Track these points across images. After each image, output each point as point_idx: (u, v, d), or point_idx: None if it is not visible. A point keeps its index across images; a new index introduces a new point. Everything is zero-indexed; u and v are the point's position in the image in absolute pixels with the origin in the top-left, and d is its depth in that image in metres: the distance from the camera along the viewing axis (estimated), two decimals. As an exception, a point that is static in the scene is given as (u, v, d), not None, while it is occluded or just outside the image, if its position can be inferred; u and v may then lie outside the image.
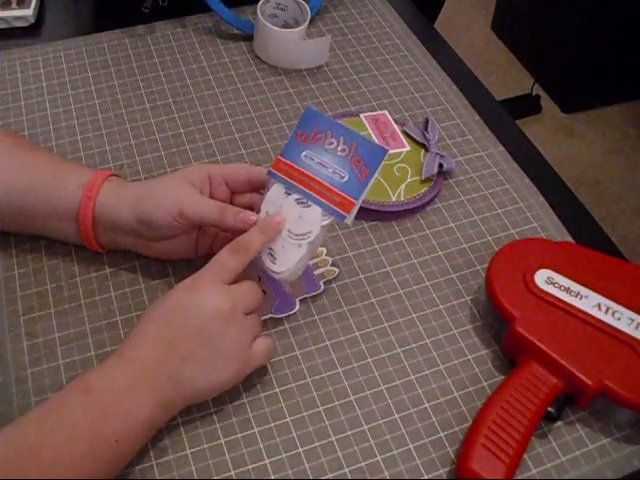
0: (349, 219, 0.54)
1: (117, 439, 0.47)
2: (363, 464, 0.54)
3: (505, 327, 0.58)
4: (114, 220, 0.57)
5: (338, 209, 0.54)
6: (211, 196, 0.58)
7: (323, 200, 0.54)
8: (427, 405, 0.57)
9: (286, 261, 0.54)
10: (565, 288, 0.59)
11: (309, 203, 0.55)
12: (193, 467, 0.52)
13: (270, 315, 0.61)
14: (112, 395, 0.47)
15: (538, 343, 0.56)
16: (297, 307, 0.62)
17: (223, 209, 0.55)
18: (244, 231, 0.54)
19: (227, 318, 0.50)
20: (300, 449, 0.54)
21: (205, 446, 0.53)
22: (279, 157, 0.56)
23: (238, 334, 0.51)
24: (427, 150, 0.73)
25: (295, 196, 0.55)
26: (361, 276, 0.65)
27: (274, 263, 0.54)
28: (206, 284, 0.51)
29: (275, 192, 0.56)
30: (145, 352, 0.49)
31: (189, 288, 0.51)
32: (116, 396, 0.47)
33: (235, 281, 0.53)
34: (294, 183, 0.55)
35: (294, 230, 0.54)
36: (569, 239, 0.70)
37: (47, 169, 0.59)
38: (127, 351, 0.50)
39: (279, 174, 0.56)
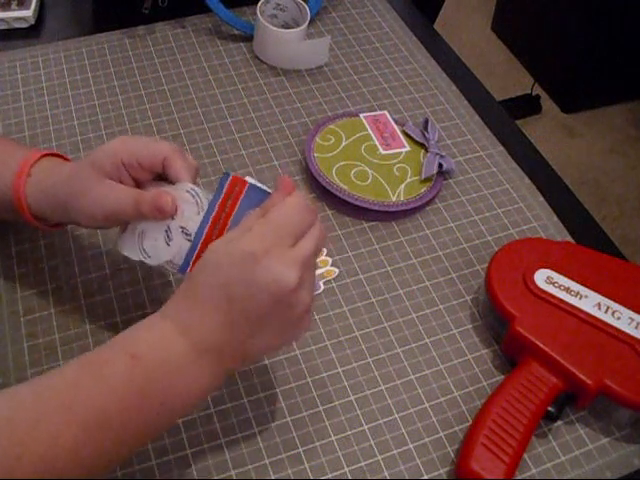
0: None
1: (159, 412, 0.44)
2: (363, 464, 0.54)
3: (505, 327, 0.58)
4: (50, 215, 0.55)
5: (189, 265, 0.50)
6: (123, 180, 0.52)
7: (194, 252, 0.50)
8: (427, 405, 0.57)
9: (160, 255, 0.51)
10: (565, 288, 0.59)
11: (190, 238, 0.50)
12: (193, 467, 0.52)
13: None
14: (167, 369, 0.44)
15: (538, 343, 0.56)
16: (297, 307, 0.61)
17: (137, 201, 0.50)
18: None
19: (297, 289, 0.44)
20: (300, 449, 0.54)
21: (205, 446, 0.53)
22: (247, 180, 0.50)
23: (308, 296, 0.46)
24: (427, 150, 0.73)
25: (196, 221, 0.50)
26: (361, 276, 0.65)
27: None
28: (271, 252, 0.44)
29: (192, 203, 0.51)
30: (206, 329, 0.44)
31: (252, 258, 0.44)
32: (171, 371, 0.44)
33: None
34: (215, 212, 0.49)
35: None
36: (569, 239, 0.70)
37: None
38: (184, 318, 0.45)
39: (224, 188, 0.50)
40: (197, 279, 0.46)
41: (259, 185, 0.50)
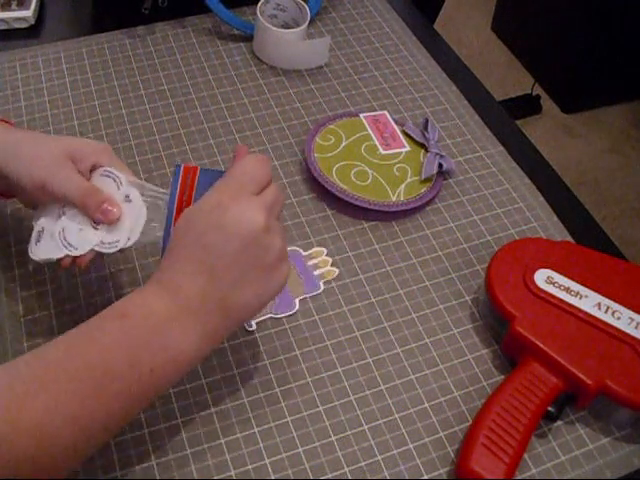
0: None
1: (152, 368, 0.44)
2: (363, 464, 0.54)
3: (505, 327, 0.58)
4: None
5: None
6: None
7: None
8: (427, 405, 0.57)
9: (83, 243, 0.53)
10: (565, 288, 0.59)
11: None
12: (193, 467, 0.52)
13: (270, 315, 0.61)
14: (152, 324, 0.45)
15: (538, 343, 0.56)
16: (297, 307, 0.62)
17: (87, 193, 0.51)
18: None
19: (267, 230, 0.46)
20: (300, 449, 0.54)
21: (205, 446, 0.53)
22: (198, 168, 0.52)
23: (280, 241, 0.47)
24: (427, 150, 0.73)
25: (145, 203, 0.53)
26: (361, 276, 0.65)
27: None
28: (237, 198, 0.46)
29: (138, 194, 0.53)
30: (186, 282, 0.46)
31: (220, 205, 0.46)
32: (157, 326, 0.45)
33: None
34: (177, 197, 0.51)
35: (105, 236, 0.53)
36: (569, 239, 0.70)
37: None
38: (166, 278, 0.47)
39: (179, 178, 0.52)
40: (175, 242, 0.47)
41: (211, 168, 0.53)
